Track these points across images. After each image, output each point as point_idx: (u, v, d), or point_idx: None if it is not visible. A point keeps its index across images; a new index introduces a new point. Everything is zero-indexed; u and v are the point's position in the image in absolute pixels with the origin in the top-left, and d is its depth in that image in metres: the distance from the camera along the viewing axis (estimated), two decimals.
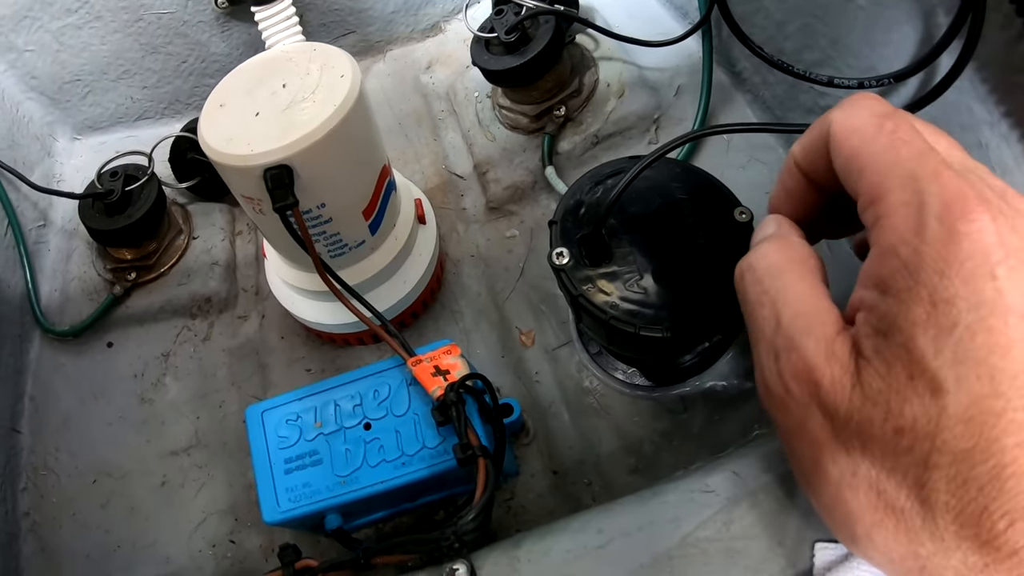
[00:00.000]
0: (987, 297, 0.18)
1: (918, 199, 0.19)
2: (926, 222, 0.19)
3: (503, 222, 0.51)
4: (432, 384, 0.35)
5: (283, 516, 0.36)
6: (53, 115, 0.62)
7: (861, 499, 0.20)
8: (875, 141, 0.21)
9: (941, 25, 0.33)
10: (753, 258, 0.25)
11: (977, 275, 0.18)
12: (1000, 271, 0.18)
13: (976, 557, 0.18)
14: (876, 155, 0.21)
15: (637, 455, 0.41)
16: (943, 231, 0.19)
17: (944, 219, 0.19)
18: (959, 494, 0.18)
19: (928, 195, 0.19)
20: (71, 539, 0.46)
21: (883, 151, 0.21)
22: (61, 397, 0.51)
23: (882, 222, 0.20)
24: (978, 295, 0.18)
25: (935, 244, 0.19)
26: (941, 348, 0.18)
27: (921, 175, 0.20)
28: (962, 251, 0.18)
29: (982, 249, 0.18)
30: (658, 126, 0.51)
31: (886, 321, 0.19)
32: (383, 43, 0.63)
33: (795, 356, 0.21)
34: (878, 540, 0.20)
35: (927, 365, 0.18)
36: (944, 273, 0.18)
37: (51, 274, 0.56)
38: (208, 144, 0.36)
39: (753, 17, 0.43)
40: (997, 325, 0.18)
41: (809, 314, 0.22)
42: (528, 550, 0.27)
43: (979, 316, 0.18)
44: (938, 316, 0.18)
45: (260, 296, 0.53)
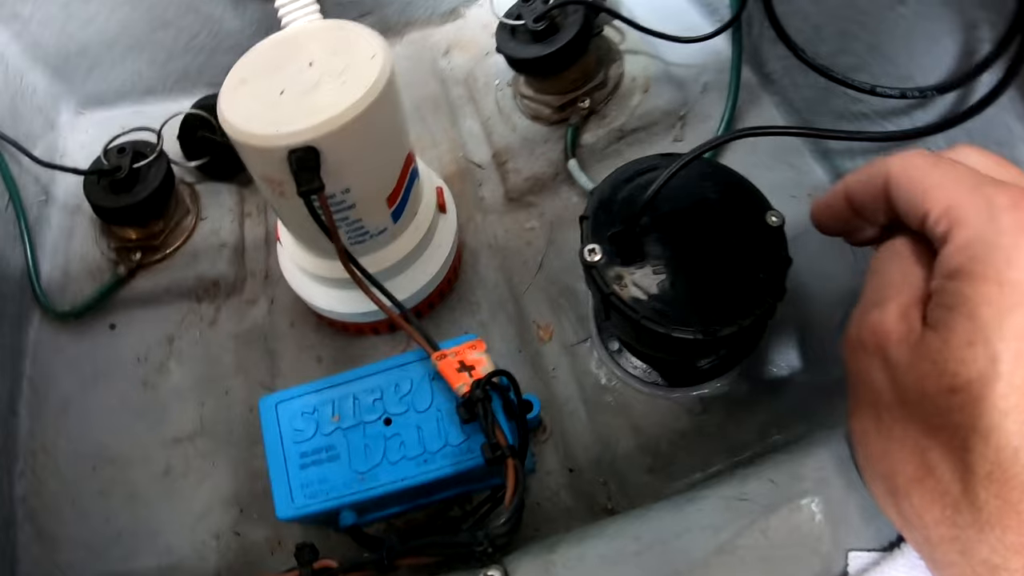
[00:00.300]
0: None
1: (988, 201, 0.21)
2: (997, 217, 0.21)
3: (522, 213, 0.50)
4: (457, 380, 0.34)
5: (297, 512, 0.35)
6: (58, 87, 0.60)
7: (906, 454, 0.22)
8: (936, 170, 0.24)
9: (983, 40, 0.33)
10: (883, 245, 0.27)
11: None
12: None
13: (1016, 537, 0.19)
14: (940, 179, 0.23)
15: (654, 455, 0.41)
16: (1014, 222, 0.21)
17: (1015, 212, 0.21)
18: (1004, 468, 0.19)
19: (997, 196, 0.21)
20: (69, 526, 0.44)
21: (946, 175, 0.23)
22: (61, 380, 0.49)
23: (958, 224, 0.22)
24: None
25: (1007, 234, 0.20)
26: (1003, 323, 0.19)
27: (985, 184, 0.22)
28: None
29: None
30: (683, 123, 0.50)
31: (954, 297, 0.21)
32: (400, 25, 0.62)
33: (877, 312, 0.24)
34: (915, 499, 0.21)
35: (987, 335, 0.20)
36: (1012, 260, 0.20)
37: (52, 252, 0.54)
38: (229, 122, 0.35)
39: (789, 19, 0.42)
40: None
41: (899, 285, 0.24)
42: (563, 555, 0.26)
43: None
44: (1003, 295, 0.20)
45: (269, 280, 0.52)
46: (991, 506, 0.19)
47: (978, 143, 0.34)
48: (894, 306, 0.24)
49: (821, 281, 0.42)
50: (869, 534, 0.26)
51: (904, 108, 0.38)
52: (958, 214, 0.22)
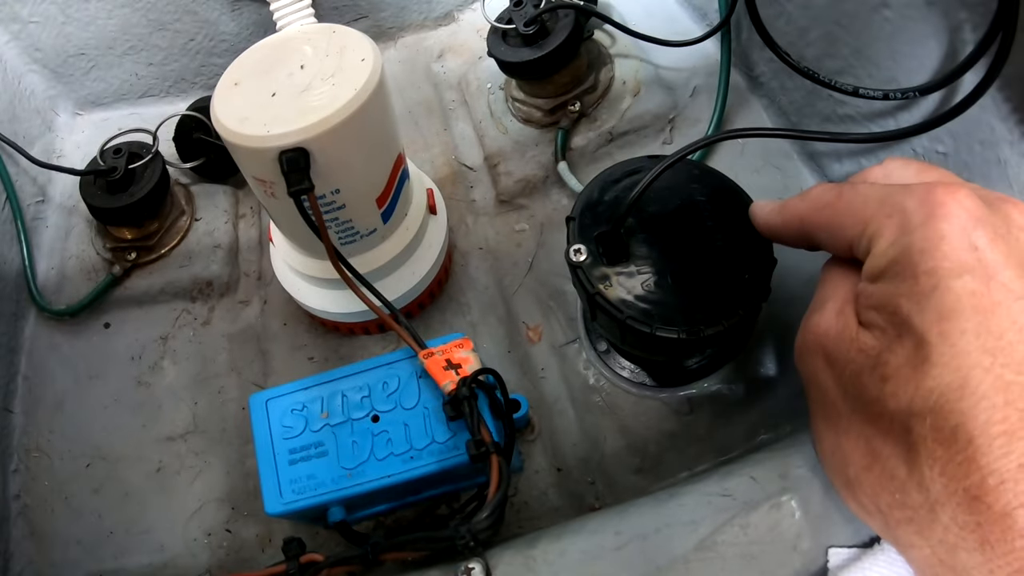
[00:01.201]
0: (968, 264, 0.20)
1: (898, 207, 0.22)
2: (909, 219, 0.21)
3: (513, 215, 0.51)
4: (444, 378, 0.34)
5: (286, 508, 0.35)
6: (56, 89, 0.60)
7: (854, 445, 0.22)
8: (841, 202, 0.25)
9: (966, 41, 0.33)
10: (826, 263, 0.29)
11: (958, 247, 0.20)
12: (980, 241, 0.20)
13: (967, 515, 0.19)
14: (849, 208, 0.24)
15: (642, 455, 0.41)
16: (923, 218, 0.21)
17: (922, 209, 0.21)
18: (945, 446, 0.19)
19: (906, 199, 0.22)
20: (63, 523, 0.45)
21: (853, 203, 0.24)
22: (56, 378, 0.50)
23: (876, 238, 0.23)
24: (959, 264, 0.20)
25: (918, 231, 0.21)
26: (923, 308, 0.20)
27: (893, 193, 0.23)
28: (940, 229, 0.20)
29: (960, 225, 0.20)
30: (673, 126, 0.50)
31: (878, 298, 0.22)
32: (395, 30, 0.62)
33: (816, 315, 0.25)
34: (867, 487, 0.22)
35: (912, 323, 0.20)
36: (925, 250, 0.20)
37: (48, 251, 0.54)
38: (221, 123, 0.35)
39: (775, 22, 0.43)
40: (979, 288, 0.19)
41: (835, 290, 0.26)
42: (544, 550, 0.27)
43: (962, 281, 0.20)
44: (921, 284, 0.20)
45: (263, 281, 0.52)
46: (937, 485, 0.19)
47: (961, 143, 0.35)
48: (830, 307, 0.25)
49: (807, 282, 0.42)
50: (849, 531, 0.27)
51: (889, 110, 0.39)
52: (873, 229, 0.23)
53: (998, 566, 0.18)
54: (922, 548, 0.20)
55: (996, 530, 0.18)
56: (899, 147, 0.39)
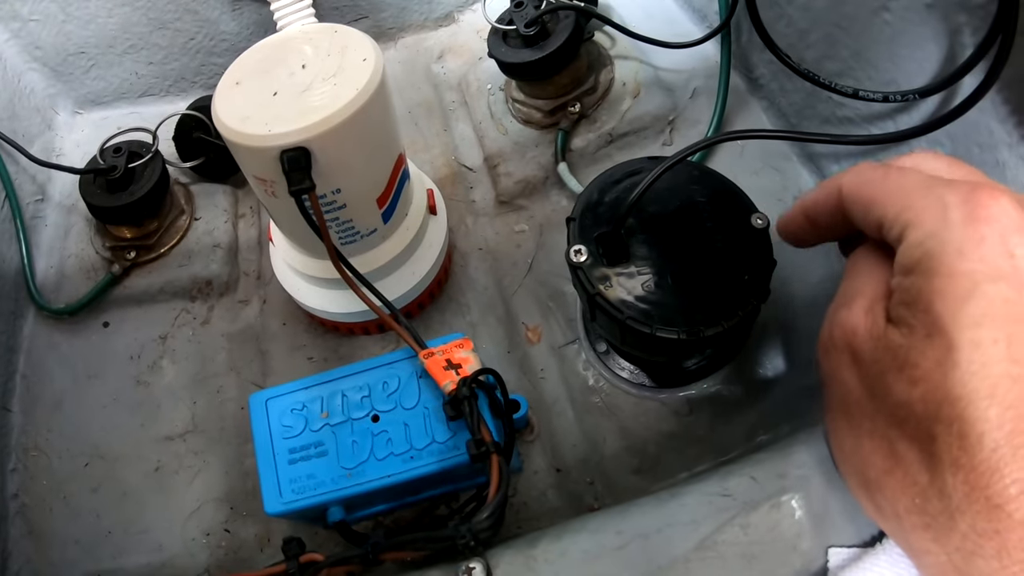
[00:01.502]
0: (1004, 271, 0.20)
1: (939, 200, 0.22)
2: (948, 214, 0.21)
3: (512, 216, 0.51)
4: (444, 378, 0.34)
5: (286, 508, 0.35)
6: (55, 87, 0.60)
7: (876, 446, 0.22)
8: (886, 180, 0.25)
9: (966, 45, 0.33)
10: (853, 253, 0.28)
11: (996, 252, 0.20)
12: (1018, 249, 0.20)
13: (986, 523, 0.19)
14: (891, 187, 0.24)
15: (641, 456, 0.41)
16: (963, 217, 0.21)
17: (964, 207, 0.21)
18: (970, 454, 0.19)
19: (948, 194, 0.22)
20: (61, 523, 0.45)
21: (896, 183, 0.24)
22: (54, 377, 0.50)
23: (911, 224, 0.22)
24: (996, 269, 0.20)
25: (956, 229, 0.21)
26: (957, 313, 0.20)
27: (936, 185, 0.22)
28: (980, 232, 0.20)
29: (1000, 229, 0.20)
30: (672, 128, 0.50)
31: (910, 293, 0.22)
32: (395, 30, 0.63)
33: (844, 311, 0.25)
34: (887, 490, 0.22)
35: (943, 325, 0.20)
36: (963, 252, 0.20)
37: (48, 250, 0.54)
38: (223, 122, 0.35)
39: (775, 24, 0.43)
40: (1014, 296, 0.19)
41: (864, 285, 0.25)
42: (545, 549, 0.27)
43: (996, 287, 0.19)
44: (956, 286, 0.20)
45: (262, 281, 0.52)
46: (959, 493, 0.19)
47: (960, 145, 0.35)
48: (860, 303, 0.24)
49: (806, 283, 0.42)
50: (850, 531, 0.27)
51: (888, 112, 0.39)
52: (910, 216, 0.22)
53: (1013, 573, 0.18)
54: (937, 555, 0.20)
55: (1014, 537, 0.18)
56: (898, 149, 0.39)
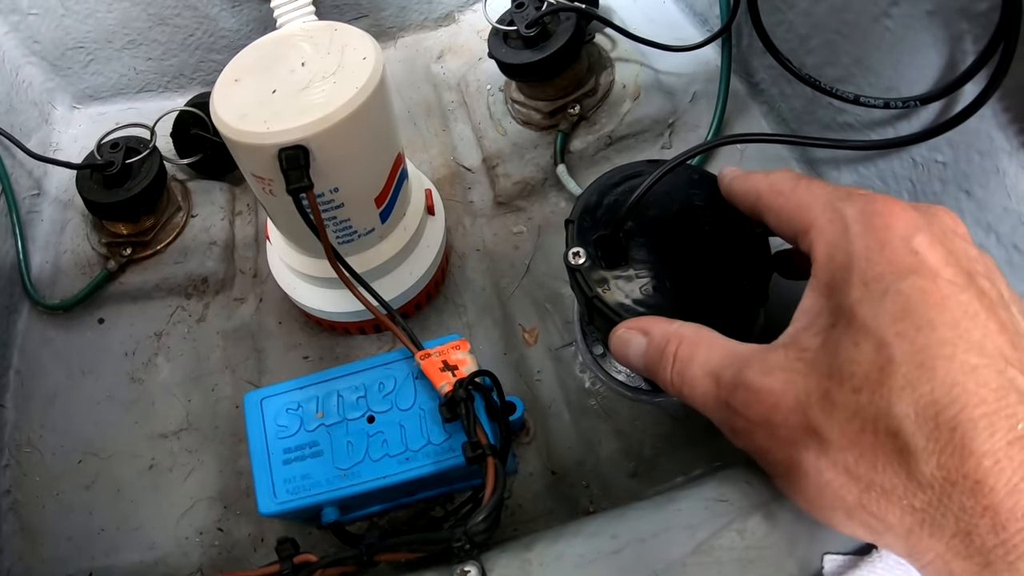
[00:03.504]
0: (912, 266, 0.21)
1: (839, 214, 0.23)
2: (849, 226, 0.23)
3: (511, 217, 0.51)
4: (440, 379, 0.34)
5: (280, 508, 0.35)
6: (53, 82, 0.60)
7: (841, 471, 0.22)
8: (795, 192, 0.26)
9: (967, 52, 0.33)
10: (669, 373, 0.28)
11: (899, 252, 0.21)
12: (919, 245, 0.21)
13: (973, 501, 0.19)
14: (800, 200, 0.26)
15: (637, 459, 0.41)
16: (863, 227, 0.22)
17: (863, 218, 0.22)
18: (934, 437, 0.19)
19: (847, 207, 0.23)
20: (53, 520, 0.44)
21: (802, 196, 0.26)
22: (48, 372, 0.49)
23: (816, 241, 0.24)
24: (904, 266, 0.21)
25: (859, 239, 0.22)
26: (877, 313, 0.21)
27: (836, 198, 0.24)
28: (881, 237, 0.22)
29: (900, 232, 0.22)
30: (672, 131, 0.50)
31: (834, 314, 0.22)
32: (395, 29, 0.62)
33: (741, 391, 0.24)
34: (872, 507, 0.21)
35: (867, 328, 0.21)
36: (870, 258, 0.22)
37: (43, 245, 0.54)
38: (221, 119, 0.35)
39: (776, 29, 0.43)
40: (927, 285, 0.20)
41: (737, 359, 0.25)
42: (540, 553, 0.27)
43: (909, 282, 0.21)
44: (871, 291, 0.21)
45: (258, 279, 0.52)
46: (938, 479, 0.19)
47: (960, 152, 0.35)
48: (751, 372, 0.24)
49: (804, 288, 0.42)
50: (845, 537, 0.27)
51: (888, 118, 0.39)
52: (814, 232, 0.24)
53: (1014, 544, 0.18)
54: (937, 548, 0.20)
55: (1004, 509, 0.18)
56: (898, 155, 0.39)
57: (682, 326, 0.28)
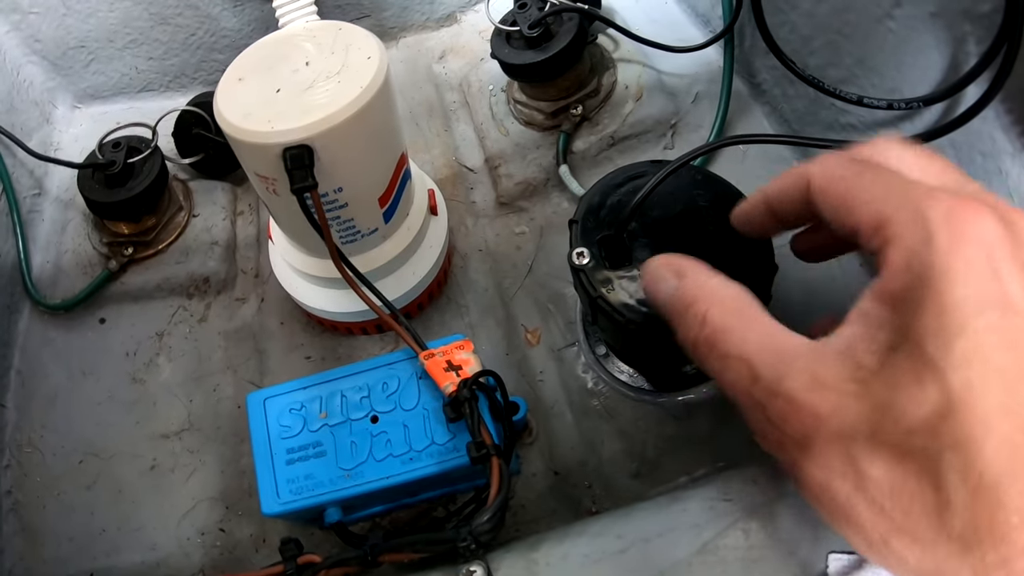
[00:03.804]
0: (992, 297, 0.19)
1: (921, 215, 0.20)
2: (933, 234, 0.19)
3: (513, 218, 0.51)
4: (444, 379, 0.34)
5: (283, 508, 0.35)
6: (55, 81, 0.60)
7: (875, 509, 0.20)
8: (861, 179, 0.22)
9: (970, 54, 0.33)
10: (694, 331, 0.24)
11: (983, 276, 0.19)
12: (1003, 270, 0.19)
13: (994, 554, 0.18)
14: (867, 190, 0.22)
15: (639, 459, 0.41)
16: (948, 237, 0.19)
17: (948, 226, 0.19)
18: (975, 493, 0.18)
19: (929, 209, 0.20)
20: (54, 520, 0.44)
21: (873, 186, 0.22)
22: (49, 373, 0.49)
23: (891, 243, 0.21)
24: (984, 296, 0.19)
25: (942, 252, 0.19)
26: (947, 352, 0.18)
27: (915, 194, 0.21)
28: (966, 254, 0.19)
29: (986, 250, 0.19)
30: (675, 132, 0.50)
31: (899, 334, 0.20)
32: (397, 29, 0.62)
33: (781, 401, 0.21)
34: (895, 546, 0.20)
35: (934, 367, 0.19)
36: (951, 278, 0.19)
37: (44, 245, 0.54)
38: (225, 119, 0.35)
39: (778, 30, 0.43)
40: (1002, 325, 0.18)
41: (779, 355, 0.22)
42: (546, 553, 0.27)
43: (986, 319, 0.18)
44: (946, 321, 0.19)
45: (260, 279, 0.52)
46: (968, 532, 0.19)
47: (963, 154, 0.35)
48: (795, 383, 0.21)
49: (807, 288, 0.42)
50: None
51: (891, 119, 0.39)
52: (890, 231, 0.21)
53: None
54: None
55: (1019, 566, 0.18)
56: None
57: (721, 285, 0.25)
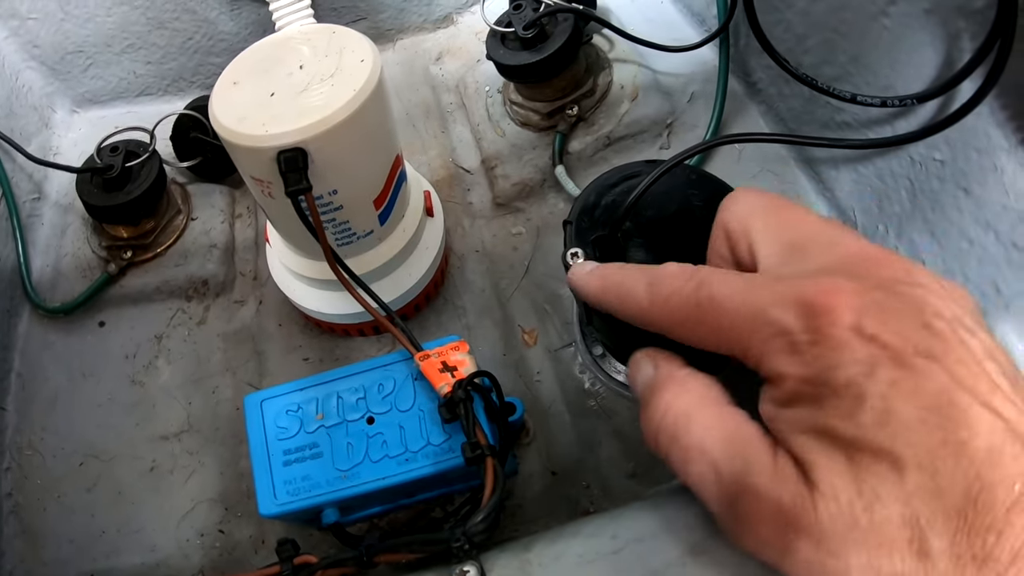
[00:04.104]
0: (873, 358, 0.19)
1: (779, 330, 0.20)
2: (797, 341, 0.20)
3: (509, 219, 0.51)
4: (439, 380, 0.34)
5: (280, 509, 0.35)
6: (53, 86, 0.60)
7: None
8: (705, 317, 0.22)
9: (964, 50, 0.33)
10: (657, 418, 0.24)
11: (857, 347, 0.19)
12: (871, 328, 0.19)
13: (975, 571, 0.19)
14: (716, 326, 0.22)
15: (636, 459, 0.41)
16: (812, 337, 0.20)
17: (807, 323, 0.20)
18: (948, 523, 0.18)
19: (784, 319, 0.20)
20: (55, 522, 0.45)
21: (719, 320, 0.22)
22: (49, 376, 0.49)
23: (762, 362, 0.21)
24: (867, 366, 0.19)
25: (812, 351, 0.19)
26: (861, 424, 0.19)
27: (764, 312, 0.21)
28: (835, 338, 0.19)
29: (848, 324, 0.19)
30: (670, 131, 0.51)
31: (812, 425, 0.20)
32: (393, 32, 0.63)
33: (750, 498, 0.21)
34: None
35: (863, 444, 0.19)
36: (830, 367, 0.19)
37: (44, 249, 0.54)
38: (220, 122, 0.35)
39: (773, 29, 0.43)
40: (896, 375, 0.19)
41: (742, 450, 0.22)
42: (539, 553, 0.27)
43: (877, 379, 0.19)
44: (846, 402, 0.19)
45: (258, 281, 0.52)
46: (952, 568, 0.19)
47: (958, 150, 0.35)
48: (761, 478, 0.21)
49: None
50: None
51: (886, 117, 0.39)
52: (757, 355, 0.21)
53: None
54: None
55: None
56: (896, 154, 0.39)
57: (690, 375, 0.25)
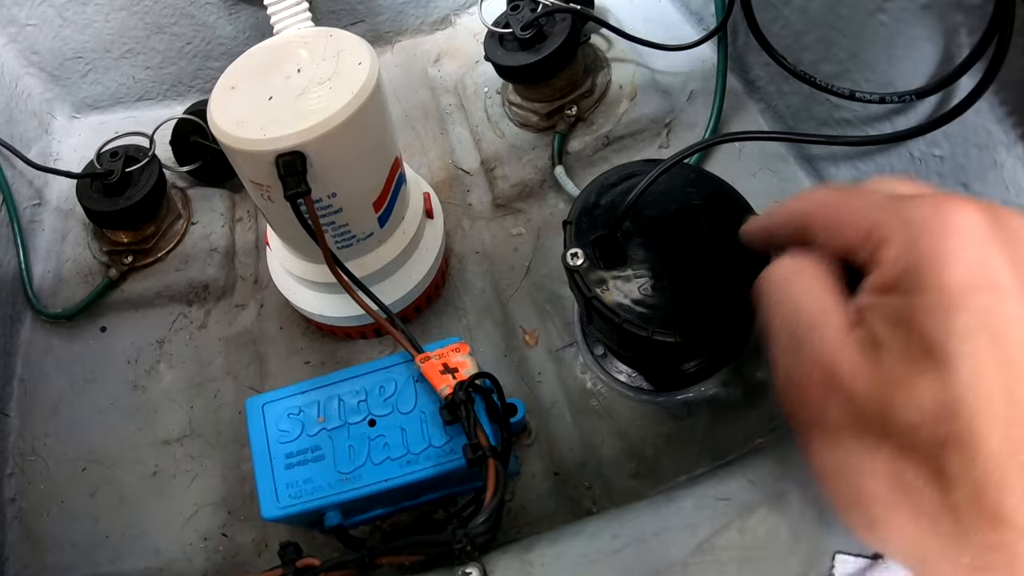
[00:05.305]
0: (982, 281, 0.20)
1: (907, 217, 0.22)
2: (919, 230, 0.21)
3: (509, 219, 0.51)
4: (440, 382, 0.34)
5: (282, 512, 0.35)
6: (52, 92, 0.61)
7: (879, 481, 0.21)
8: (849, 200, 0.24)
9: (962, 45, 0.33)
10: (768, 271, 0.27)
11: (971, 262, 0.20)
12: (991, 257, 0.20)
13: (995, 536, 0.19)
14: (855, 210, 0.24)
15: (639, 459, 0.41)
16: (934, 231, 0.21)
17: (932, 221, 0.21)
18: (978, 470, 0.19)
19: (914, 211, 0.22)
20: (58, 527, 0.45)
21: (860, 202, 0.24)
22: (52, 381, 0.50)
23: (882, 245, 0.22)
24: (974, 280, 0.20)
25: (929, 243, 0.21)
26: (948, 328, 0.20)
27: (900, 202, 0.22)
28: (952, 244, 0.20)
29: (971, 239, 0.20)
30: (670, 130, 0.50)
31: (894, 313, 0.21)
32: (392, 34, 0.63)
33: (812, 347, 0.23)
34: (896, 522, 0.21)
35: (936, 342, 0.20)
36: (941, 265, 0.20)
37: (45, 255, 0.54)
38: (218, 126, 0.35)
39: (771, 26, 0.43)
40: (993, 306, 0.19)
41: (823, 310, 0.23)
42: (541, 553, 0.27)
43: (979, 299, 0.20)
44: (942, 301, 0.20)
45: (259, 285, 0.52)
46: (969, 510, 0.19)
47: (958, 146, 0.35)
48: (828, 333, 0.23)
49: None
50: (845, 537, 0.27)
51: (885, 113, 0.39)
52: (880, 234, 0.22)
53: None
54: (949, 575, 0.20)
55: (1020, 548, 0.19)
56: (895, 150, 0.39)
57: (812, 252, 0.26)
